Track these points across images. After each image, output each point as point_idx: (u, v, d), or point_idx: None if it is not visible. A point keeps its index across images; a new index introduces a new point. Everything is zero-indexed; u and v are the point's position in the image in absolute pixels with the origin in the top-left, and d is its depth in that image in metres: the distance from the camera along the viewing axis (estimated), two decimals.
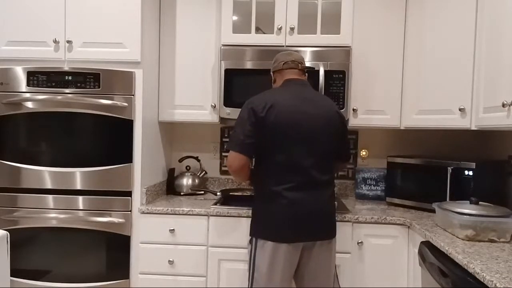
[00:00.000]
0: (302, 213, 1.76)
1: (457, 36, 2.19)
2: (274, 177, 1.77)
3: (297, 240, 1.76)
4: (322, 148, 1.80)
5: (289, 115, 1.76)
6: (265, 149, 1.78)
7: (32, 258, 2.26)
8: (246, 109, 1.78)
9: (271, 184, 1.78)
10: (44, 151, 2.24)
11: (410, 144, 2.76)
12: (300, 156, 1.76)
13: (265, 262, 1.76)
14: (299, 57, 1.93)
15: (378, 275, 2.15)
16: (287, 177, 1.76)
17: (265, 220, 1.79)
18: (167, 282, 2.21)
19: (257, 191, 1.88)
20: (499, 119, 1.84)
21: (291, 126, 1.75)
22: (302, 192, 1.76)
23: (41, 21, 2.23)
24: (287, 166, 1.76)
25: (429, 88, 2.30)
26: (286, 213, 1.75)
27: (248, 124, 1.76)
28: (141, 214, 2.23)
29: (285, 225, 1.75)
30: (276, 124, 1.74)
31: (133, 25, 2.21)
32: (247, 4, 2.39)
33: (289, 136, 1.75)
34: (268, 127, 1.74)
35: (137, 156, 2.24)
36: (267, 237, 1.76)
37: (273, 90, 1.89)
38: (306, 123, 1.78)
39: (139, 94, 2.24)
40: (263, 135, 1.76)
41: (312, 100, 1.83)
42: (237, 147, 1.78)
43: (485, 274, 1.30)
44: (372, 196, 2.68)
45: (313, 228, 1.78)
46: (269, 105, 1.75)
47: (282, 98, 1.79)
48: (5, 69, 2.23)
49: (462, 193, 2.12)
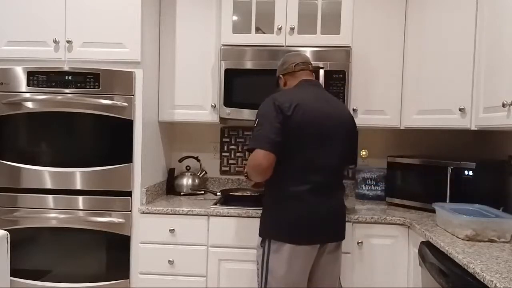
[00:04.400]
0: (321, 215, 1.73)
1: (457, 36, 2.19)
2: (295, 178, 1.73)
3: (315, 242, 1.74)
4: (340, 150, 1.79)
5: (314, 115, 1.73)
6: (287, 149, 1.70)
7: (32, 258, 2.26)
8: (273, 106, 1.70)
9: (291, 185, 1.73)
10: (44, 151, 2.24)
11: (410, 144, 2.76)
12: (322, 157, 1.74)
13: (282, 265, 1.71)
14: (307, 58, 1.94)
15: (378, 275, 2.15)
16: (308, 178, 1.72)
17: (282, 222, 1.73)
18: (167, 282, 2.21)
19: (273, 192, 1.80)
20: (499, 119, 1.84)
21: (315, 126, 1.72)
22: (322, 193, 1.74)
23: (41, 21, 2.23)
24: (308, 167, 1.73)
25: (429, 88, 2.30)
26: (306, 215, 1.71)
27: (276, 121, 1.68)
28: (141, 214, 2.23)
29: (304, 227, 1.71)
30: (301, 124, 1.70)
31: (133, 25, 2.21)
32: (247, 4, 2.39)
33: (313, 136, 1.72)
34: (293, 126, 1.69)
35: (137, 156, 2.24)
36: (284, 239, 1.71)
37: (295, 90, 1.83)
38: (328, 124, 1.75)
39: (139, 94, 2.24)
40: (287, 134, 1.69)
41: (330, 101, 1.82)
42: (267, 145, 1.66)
43: (485, 274, 1.30)
44: (372, 196, 2.68)
45: (329, 230, 1.77)
46: (295, 104, 1.70)
47: (306, 98, 1.76)
48: (5, 69, 2.23)
49: (462, 193, 2.12)
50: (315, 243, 1.74)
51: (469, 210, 1.91)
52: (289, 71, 1.90)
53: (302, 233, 1.72)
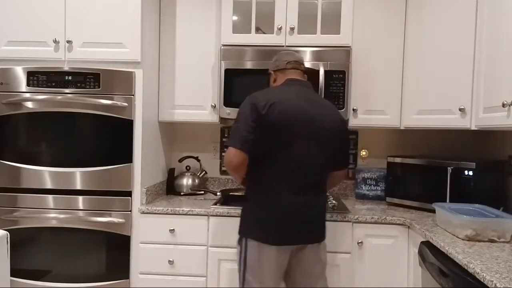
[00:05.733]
0: (299, 217, 1.72)
1: (457, 36, 2.19)
2: (273, 178, 1.72)
3: (288, 243, 1.73)
4: (323, 151, 1.76)
5: (292, 114, 1.71)
6: (265, 148, 1.71)
7: (32, 258, 2.26)
8: (248, 105, 1.72)
9: (269, 185, 1.73)
10: (44, 151, 2.24)
11: (410, 144, 2.76)
12: (300, 157, 1.72)
13: (259, 264, 1.72)
14: (300, 58, 1.92)
15: (378, 275, 2.15)
16: (286, 178, 1.71)
17: (260, 221, 1.74)
18: (167, 282, 2.21)
19: (252, 191, 1.81)
20: (499, 119, 1.84)
21: (293, 125, 1.70)
22: (301, 194, 1.73)
23: (41, 21, 2.23)
24: (286, 167, 1.71)
25: (429, 88, 2.30)
26: (284, 216, 1.71)
27: (250, 120, 1.68)
28: (141, 214, 2.23)
29: (278, 227, 1.71)
30: (277, 122, 1.68)
31: (133, 25, 2.21)
32: (247, 4, 2.39)
33: (290, 135, 1.71)
34: (269, 125, 1.68)
35: (137, 156, 2.24)
36: (262, 239, 1.71)
37: (277, 88, 1.84)
38: (309, 123, 1.73)
39: (139, 94, 2.24)
40: (263, 133, 1.69)
41: (315, 102, 1.79)
42: (239, 143, 1.69)
43: (485, 274, 1.30)
44: (372, 196, 2.68)
45: (305, 232, 1.75)
46: (271, 103, 1.69)
47: (286, 96, 1.74)
48: (5, 69, 2.23)
49: (462, 193, 2.13)
50: (288, 244, 1.73)
51: (469, 210, 1.91)
52: (280, 68, 1.88)
53: (276, 233, 1.71)
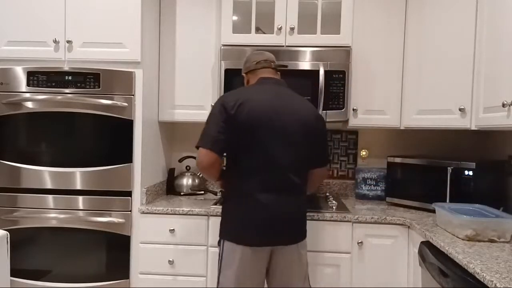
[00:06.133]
0: (273, 217, 1.69)
1: (457, 36, 2.19)
2: (246, 178, 1.70)
3: (265, 244, 1.70)
4: (297, 149, 1.73)
5: (262, 112, 1.68)
6: (237, 148, 1.70)
7: (32, 258, 2.26)
8: (218, 105, 1.71)
9: (243, 185, 1.70)
10: (44, 151, 2.24)
11: (410, 144, 2.76)
12: (273, 156, 1.68)
13: (233, 266, 1.69)
14: (271, 56, 1.89)
15: (378, 275, 2.15)
16: (259, 177, 1.68)
17: (234, 222, 1.72)
18: (167, 282, 2.21)
19: (228, 192, 1.79)
20: (499, 119, 1.84)
21: (263, 124, 1.68)
22: (275, 194, 1.69)
23: (41, 21, 2.23)
24: (259, 166, 1.69)
25: (429, 88, 2.30)
26: (258, 216, 1.68)
27: (220, 120, 1.68)
28: (141, 214, 2.23)
29: (255, 228, 1.68)
30: (247, 122, 1.66)
31: (133, 25, 2.21)
32: (247, 4, 2.39)
33: (262, 134, 1.68)
34: (239, 125, 1.67)
35: (137, 156, 2.24)
36: (236, 240, 1.69)
37: (248, 87, 1.83)
38: (281, 122, 1.70)
39: (139, 94, 2.24)
40: (234, 133, 1.68)
41: (288, 99, 1.76)
42: (209, 143, 1.69)
43: (485, 274, 1.30)
44: (372, 196, 2.68)
45: (282, 233, 1.72)
46: (240, 103, 1.68)
47: (256, 95, 1.72)
48: (5, 69, 2.23)
49: (462, 193, 2.13)
50: (264, 245, 1.70)
51: (469, 210, 1.91)
52: (251, 69, 1.86)
53: (252, 234, 1.68)
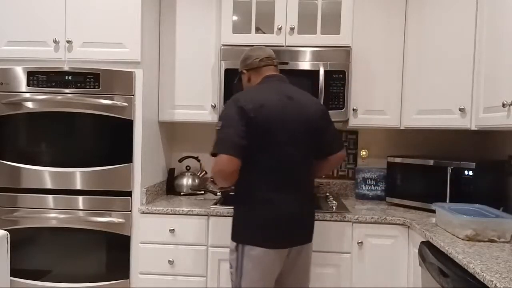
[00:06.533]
0: (291, 217, 1.70)
1: (457, 36, 2.19)
2: (263, 180, 1.69)
3: (288, 245, 1.71)
4: (309, 148, 1.75)
5: (278, 114, 1.68)
6: (252, 151, 1.66)
7: (32, 258, 2.26)
8: (235, 108, 1.65)
9: (259, 187, 1.69)
10: (44, 151, 2.24)
11: (410, 144, 2.76)
12: (289, 157, 1.69)
13: (255, 269, 1.67)
14: (272, 53, 1.87)
15: (378, 275, 2.15)
16: (276, 179, 1.69)
17: (253, 225, 1.70)
18: (167, 282, 2.21)
19: (242, 195, 1.75)
20: (499, 119, 1.84)
21: (280, 127, 1.68)
22: (291, 194, 1.71)
23: (41, 21, 2.23)
24: (276, 168, 1.68)
25: (429, 88, 2.30)
26: (275, 217, 1.68)
27: (240, 124, 1.63)
28: (141, 214, 2.23)
29: (279, 230, 1.68)
30: (266, 124, 1.65)
31: (133, 25, 2.21)
32: (247, 4, 2.39)
33: (278, 137, 1.68)
34: (258, 128, 1.64)
35: (137, 156, 2.24)
36: (256, 242, 1.67)
37: (259, 88, 1.78)
38: (294, 123, 1.71)
39: (139, 94, 2.24)
40: (252, 136, 1.64)
41: (295, 98, 1.76)
42: (231, 149, 1.61)
43: (485, 274, 1.30)
44: (372, 196, 2.68)
45: (301, 232, 1.74)
46: (260, 105, 1.66)
47: (270, 97, 1.71)
48: (5, 69, 2.23)
49: (462, 193, 2.12)
50: (288, 246, 1.71)
51: (469, 210, 1.90)
52: (253, 67, 1.83)
53: (276, 236, 1.68)
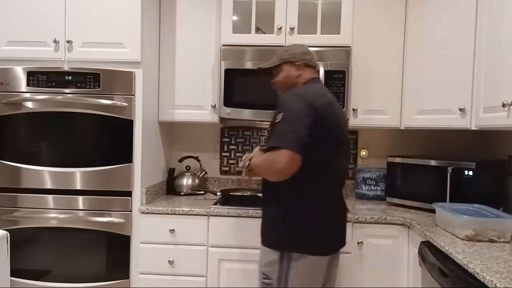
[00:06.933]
0: (340, 222, 1.69)
1: (457, 36, 2.19)
2: (321, 183, 1.58)
3: (334, 251, 1.66)
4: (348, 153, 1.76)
5: (342, 115, 1.68)
6: (317, 148, 1.53)
7: (32, 258, 2.26)
8: (303, 103, 1.52)
9: (315, 190, 1.57)
10: (44, 151, 2.24)
11: (410, 144, 2.76)
12: (340, 161, 1.66)
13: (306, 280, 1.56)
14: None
15: (378, 275, 2.15)
16: (337, 178, 1.64)
17: (305, 231, 1.56)
18: (167, 282, 2.21)
19: (292, 198, 1.58)
20: (499, 119, 1.84)
21: (342, 126, 1.65)
22: (341, 199, 1.70)
23: (41, 21, 2.23)
24: (338, 167, 1.63)
25: (429, 88, 2.30)
26: (329, 223, 1.62)
27: (309, 120, 1.50)
28: (141, 214, 2.23)
29: (328, 235, 1.61)
30: (334, 123, 1.59)
31: (133, 25, 2.21)
32: (247, 4, 2.39)
33: (341, 136, 1.64)
34: (326, 125, 1.55)
35: (137, 156, 2.24)
36: (308, 251, 1.55)
37: (314, 87, 1.66)
38: (344, 127, 1.69)
39: (139, 94, 2.24)
40: (318, 134, 1.52)
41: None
42: (298, 146, 1.47)
43: (485, 274, 1.30)
44: (372, 196, 2.68)
45: (344, 237, 1.72)
46: (327, 103, 1.57)
47: (332, 97, 1.66)
48: (5, 69, 2.23)
49: (462, 193, 2.12)
50: (334, 252, 1.67)
51: (469, 210, 1.90)
52: (311, 64, 1.73)
53: (326, 243, 1.60)
